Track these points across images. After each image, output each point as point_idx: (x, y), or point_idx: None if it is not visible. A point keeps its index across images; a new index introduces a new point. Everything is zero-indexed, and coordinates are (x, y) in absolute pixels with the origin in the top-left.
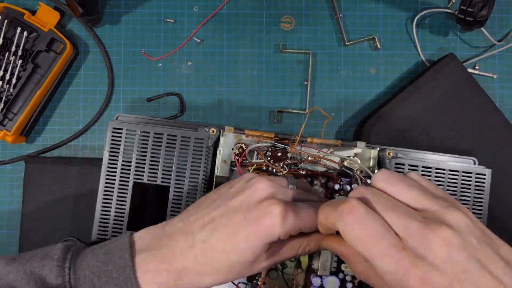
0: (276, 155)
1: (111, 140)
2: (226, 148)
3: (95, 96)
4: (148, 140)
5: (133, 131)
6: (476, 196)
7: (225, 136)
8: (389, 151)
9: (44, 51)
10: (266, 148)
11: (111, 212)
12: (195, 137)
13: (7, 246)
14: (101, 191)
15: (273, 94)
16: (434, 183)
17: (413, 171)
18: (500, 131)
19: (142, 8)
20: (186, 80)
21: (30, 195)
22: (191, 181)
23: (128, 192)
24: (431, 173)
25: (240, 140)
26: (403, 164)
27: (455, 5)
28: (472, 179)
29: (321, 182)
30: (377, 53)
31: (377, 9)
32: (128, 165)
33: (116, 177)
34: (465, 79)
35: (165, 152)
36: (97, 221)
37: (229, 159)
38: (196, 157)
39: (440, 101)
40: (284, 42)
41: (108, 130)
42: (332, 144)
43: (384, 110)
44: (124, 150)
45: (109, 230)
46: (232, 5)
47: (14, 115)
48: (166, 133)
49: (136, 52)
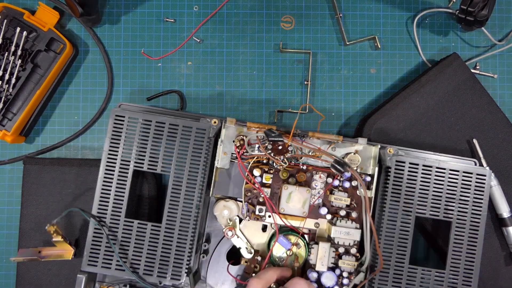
0: (277, 148)
1: (113, 127)
2: (227, 140)
3: (94, 96)
4: (150, 129)
5: (135, 119)
6: (476, 196)
7: (227, 127)
8: (390, 149)
9: (44, 51)
10: (264, 137)
11: (110, 199)
12: (196, 127)
13: (6, 246)
14: (101, 177)
15: (273, 94)
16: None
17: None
18: (502, 132)
19: (142, 7)
20: (186, 80)
21: (29, 196)
22: (191, 171)
23: (127, 179)
24: (432, 172)
25: (241, 133)
26: (403, 162)
27: (456, 4)
28: (472, 180)
29: (321, 178)
30: (378, 53)
31: (377, 9)
32: (129, 152)
33: (117, 164)
34: (467, 79)
35: (166, 141)
36: (96, 208)
37: (230, 151)
38: (197, 147)
39: (442, 100)
40: (284, 41)
41: (110, 117)
42: (333, 140)
43: (385, 109)
44: (125, 138)
45: (107, 217)
46: (232, 5)
47: (13, 115)
48: (168, 122)
49: (136, 52)
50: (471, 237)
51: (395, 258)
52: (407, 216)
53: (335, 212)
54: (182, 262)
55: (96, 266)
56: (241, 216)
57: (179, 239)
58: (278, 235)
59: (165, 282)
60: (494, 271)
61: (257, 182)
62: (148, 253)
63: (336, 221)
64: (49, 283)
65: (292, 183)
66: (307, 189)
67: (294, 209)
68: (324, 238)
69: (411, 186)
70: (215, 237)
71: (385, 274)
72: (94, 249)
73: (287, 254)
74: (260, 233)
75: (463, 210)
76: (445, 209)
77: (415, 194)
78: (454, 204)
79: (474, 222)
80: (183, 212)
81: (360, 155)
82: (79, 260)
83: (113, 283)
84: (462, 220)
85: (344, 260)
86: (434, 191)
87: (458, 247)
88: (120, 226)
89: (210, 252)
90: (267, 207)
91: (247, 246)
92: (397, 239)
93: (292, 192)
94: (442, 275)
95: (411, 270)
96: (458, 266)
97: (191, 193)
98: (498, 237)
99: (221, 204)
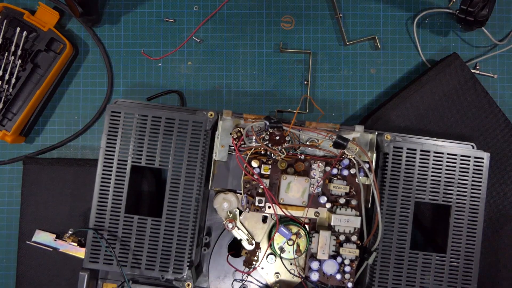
0: (274, 139)
1: (109, 123)
2: (224, 133)
3: (94, 96)
4: (146, 124)
5: (131, 114)
6: (474, 179)
7: (224, 120)
8: (387, 135)
9: (44, 51)
10: (260, 129)
11: (109, 195)
12: (193, 121)
13: (6, 246)
14: (99, 174)
15: (273, 94)
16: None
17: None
18: (502, 132)
19: (142, 7)
20: (186, 80)
21: (29, 196)
22: (189, 164)
23: (126, 175)
24: (429, 157)
25: (238, 125)
26: (401, 148)
27: (456, 5)
28: (470, 163)
29: (319, 167)
30: (378, 53)
31: (377, 9)
32: (126, 148)
33: (114, 160)
34: (468, 79)
35: (163, 135)
36: (95, 205)
37: (228, 144)
38: (194, 141)
39: (442, 100)
40: (284, 41)
41: (106, 114)
42: (330, 128)
43: (385, 109)
44: (122, 134)
45: (107, 214)
46: (232, 5)
47: (13, 115)
48: (164, 116)
49: (136, 52)
50: (471, 221)
51: (396, 244)
52: (407, 202)
53: (334, 200)
54: (183, 255)
55: (98, 262)
56: (241, 208)
57: (180, 233)
58: (278, 226)
59: (167, 276)
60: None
61: (255, 173)
62: (150, 248)
63: (336, 209)
64: (49, 283)
65: (290, 173)
66: (306, 179)
67: (294, 199)
68: (325, 226)
69: (409, 172)
70: (215, 230)
71: (386, 259)
72: (95, 246)
73: (288, 244)
74: (261, 224)
75: (462, 194)
76: (444, 193)
77: (414, 180)
78: (453, 188)
79: (473, 205)
80: (183, 206)
81: (357, 142)
82: (79, 260)
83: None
84: (462, 204)
85: (345, 247)
86: (432, 176)
87: (458, 231)
88: (120, 221)
89: (211, 245)
90: (267, 198)
91: (248, 238)
92: (397, 225)
93: (291, 182)
94: (443, 259)
95: (412, 255)
96: (458, 250)
97: (190, 186)
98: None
99: (221, 197)
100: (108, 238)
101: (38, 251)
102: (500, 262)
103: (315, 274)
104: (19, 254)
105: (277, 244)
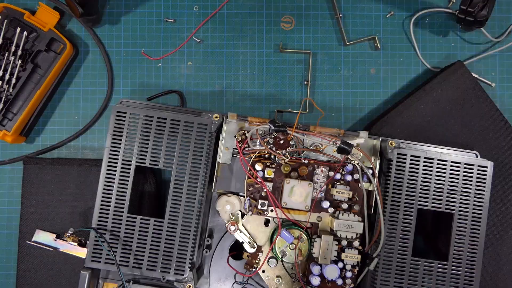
0: (278, 143)
1: (114, 123)
2: (228, 135)
3: (94, 96)
4: (152, 124)
5: (137, 115)
6: (477, 188)
7: (228, 123)
8: (391, 141)
9: (44, 51)
10: (265, 132)
11: (113, 195)
12: (198, 122)
13: (6, 246)
14: (103, 173)
15: (273, 94)
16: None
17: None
18: (506, 140)
19: (142, 8)
20: (186, 80)
21: (29, 196)
22: (193, 166)
23: (130, 175)
24: (433, 164)
25: (242, 128)
26: (405, 155)
27: (456, 5)
28: (474, 172)
29: (322, 171)
30: (378, 53)
31: (377, 9)
32: (131, 148)
33: (119, 160)
34: (472, 88)
35: (168, 136)
36: (98, 204)
37: (232, 146)
38: (198, 143)
39: (446, 108)
40: (284, 42)
41: (111, 114)
42: (335, 133)
43: (390, 116)
44: (127, 134)
45: (110, 213)
46: (232, 5)
47: (13, 115)
48: (170, 117)
49: (136, 52)
50: (473, 229)
51: (398, 250)
52: (409, 208)
53: (337, 205)
54: (185, 257)
55: (100, 262)
56: (244, 211)
57: (182, 234)
58: (280, 229)
59: (168, 277)
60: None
61: (259, 176)
62: (151, 249)
63: (338, 214)
64: (49, 283)
65: (294, 177)
66: (309, 183)
67: (296, 203)
68: (327, 231)
69: (412, 179)
70: (217, 232)
71: (388, 265)
72: (97, 245)
73: (290, 248)
74: (263, 228)
75: (465, 202)
76: (447, 201)
77: (417, 187)
78: (456, 196)
79: (476, 214)
80: (186, 208)
81: (361, 148)
82: (79, 260)
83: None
84: (464, 212)
85: (347, 253)
86: (435, 183)
87: (460, 239)
88: (123, 222)
89: (213, 247)
90: (270, 202)
91: (249, 241)
92: (399, 231)
93: (294, 186)
94: (445, 267)
95: (414, 262)
96: (460, 258)
97: (194, 188)
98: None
99: (224, 199)
100: (110, 238)
101: (38, 251)
102: (503, 269)
103: (316, 278)
104: (19, 254)
105: (278, 247)
